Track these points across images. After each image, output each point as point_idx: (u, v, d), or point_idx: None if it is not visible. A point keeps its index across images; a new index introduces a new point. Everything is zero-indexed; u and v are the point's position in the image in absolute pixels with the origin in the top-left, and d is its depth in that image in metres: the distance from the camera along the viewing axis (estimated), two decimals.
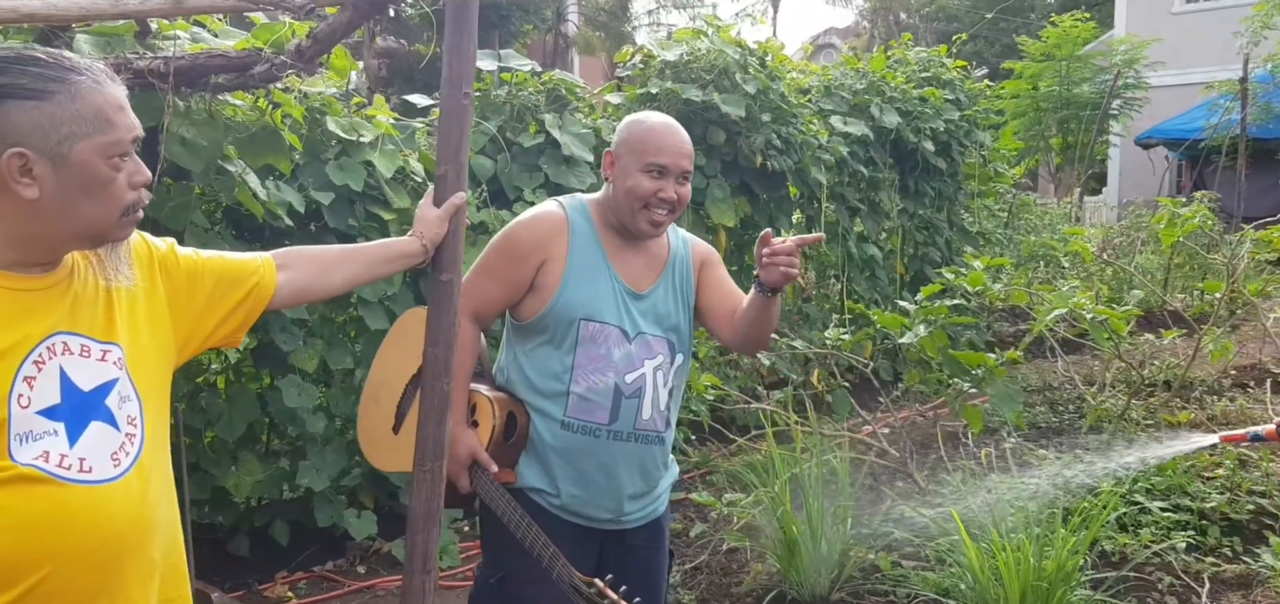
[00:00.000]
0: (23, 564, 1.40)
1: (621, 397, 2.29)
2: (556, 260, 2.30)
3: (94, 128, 1.45)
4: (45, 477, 1.42)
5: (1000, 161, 7.94)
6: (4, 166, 1.39)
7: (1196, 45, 18.11)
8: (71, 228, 1.47)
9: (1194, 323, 5.88)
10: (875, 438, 4.65)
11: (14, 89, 1.40)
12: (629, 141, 2.33)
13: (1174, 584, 3.72)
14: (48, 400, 1.45)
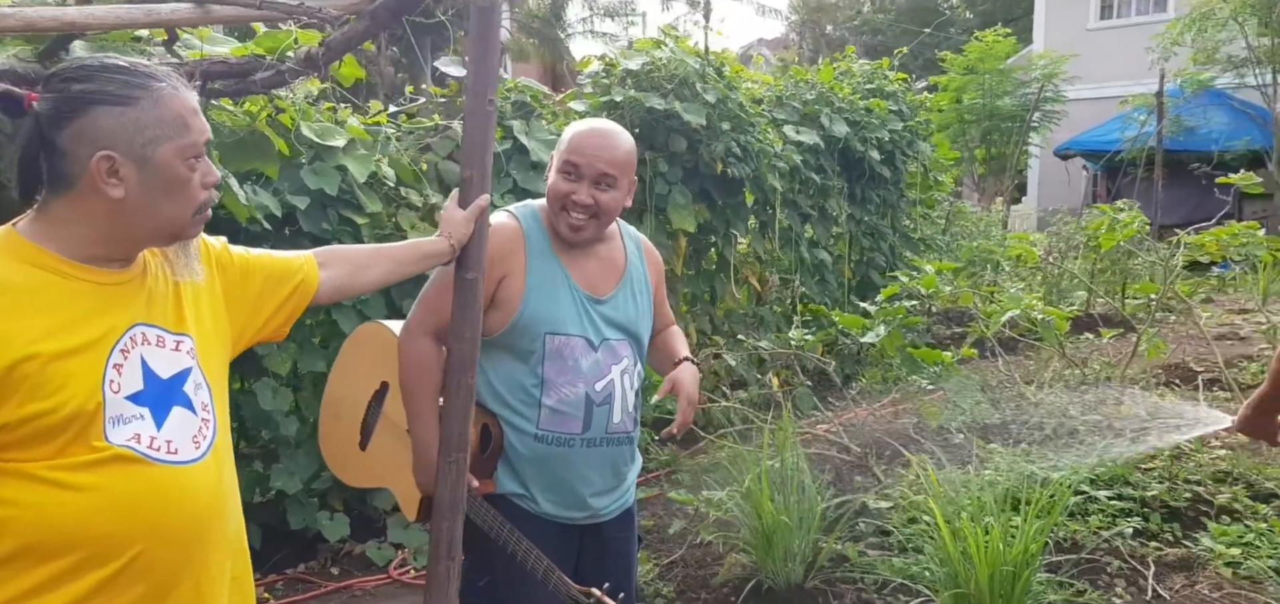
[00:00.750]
0: (120, 541, 1.48)
1: (593, 405, 2.31)
2: (516, 275, 2.30)
3: (174, 131, 1.53)
4: (138, 457, 1.50)
5: (939, 170, 8.28)
6: (94, 168, 1.48)
7: (1111, 61, 18.95)
8: (151, 225, 1.56)
9: (1134, 320, 6.22)
10: (837, 434, 4.82)
11: (102, 95, 1.49)
12: (559, 143, 2.37)
13: (1122, 568, 3.96)
14: (133, 387, 1.53)
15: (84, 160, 1.47)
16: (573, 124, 2.44)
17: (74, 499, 1.45)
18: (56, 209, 1.51)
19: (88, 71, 1.51)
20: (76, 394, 1.45)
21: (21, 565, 1.44)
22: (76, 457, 1.46)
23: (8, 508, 1.43)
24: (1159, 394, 6.00)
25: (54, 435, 1.44)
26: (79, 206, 1.50)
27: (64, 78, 1.51)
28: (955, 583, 3.42)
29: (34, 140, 1.49)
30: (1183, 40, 15.73)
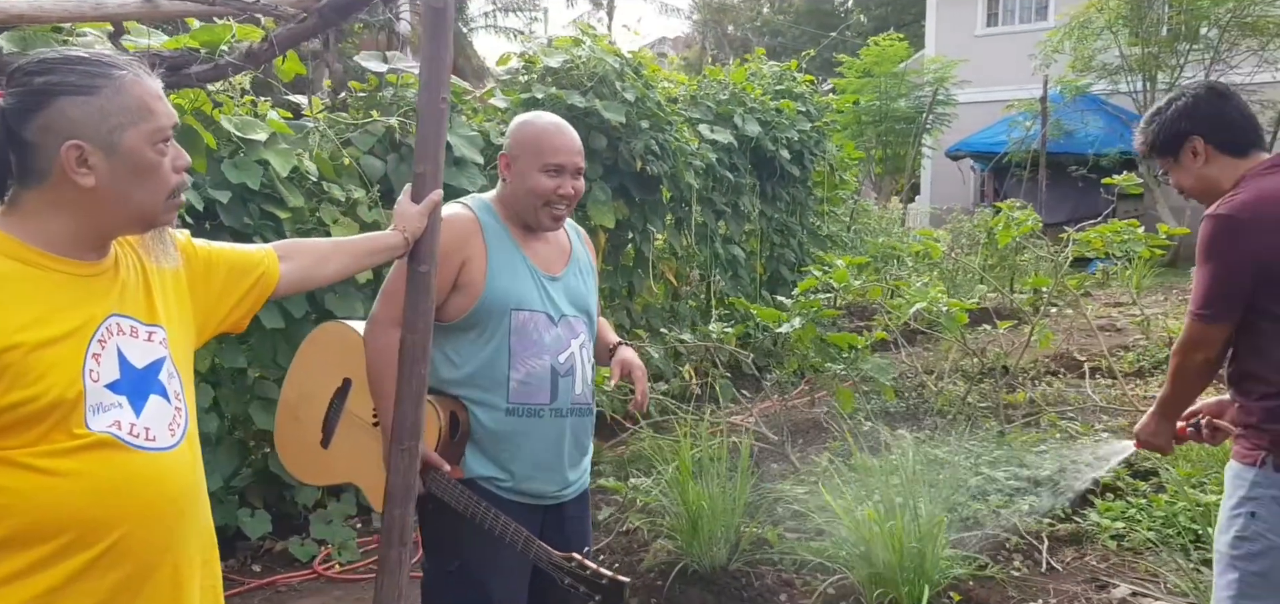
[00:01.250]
0: (103, 524, 1.52)
1: (558, 376, 2.44)
2: (477, 258, 2.40)
3: (139, 116, 1.56)
4: (118, 443, 1.54)
5: (844, 170, 8.60)
6: (63, 158, 1.51)
7: (997, 66, 19.82)
8: (124, 212, 1.59)
9: (1025, 313, 6.60)
10: (754, 423, 5.01)
11: (65, 86, 1.51)
12: (524, 143, 2.48)
13: (1019, 543, 4.25)
14: (111, 376, 1.57)
15: (52, 151, 1.50)
16: (523, 122, 2.54)
17: (58, 484, 1.48)
18: (29, 202, 1.53)
19: (49, 64, 1.53)
20: (58, 383, 1.48)
21: (10, 549, 1.46)
22: (59, 443, 1.49)
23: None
24: (1046, 382, 6.40)
25: (37, 422, 1.47)
26: (51, 197, 1.53)
27: (26, 72, 1.53)
28: (868, 562, 3.63)
29: (1, 136, 1.51)
30: (1063, 48, 16.59)
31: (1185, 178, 2.55)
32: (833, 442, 4.82)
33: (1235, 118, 2.50)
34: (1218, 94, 2.54)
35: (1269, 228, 2.32)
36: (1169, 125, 2.53)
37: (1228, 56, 16.04)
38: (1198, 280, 2.43)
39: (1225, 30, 15.80)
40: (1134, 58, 16.23)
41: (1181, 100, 2.54)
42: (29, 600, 1.48)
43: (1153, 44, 16.09)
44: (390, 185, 5.00)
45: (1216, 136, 2.47)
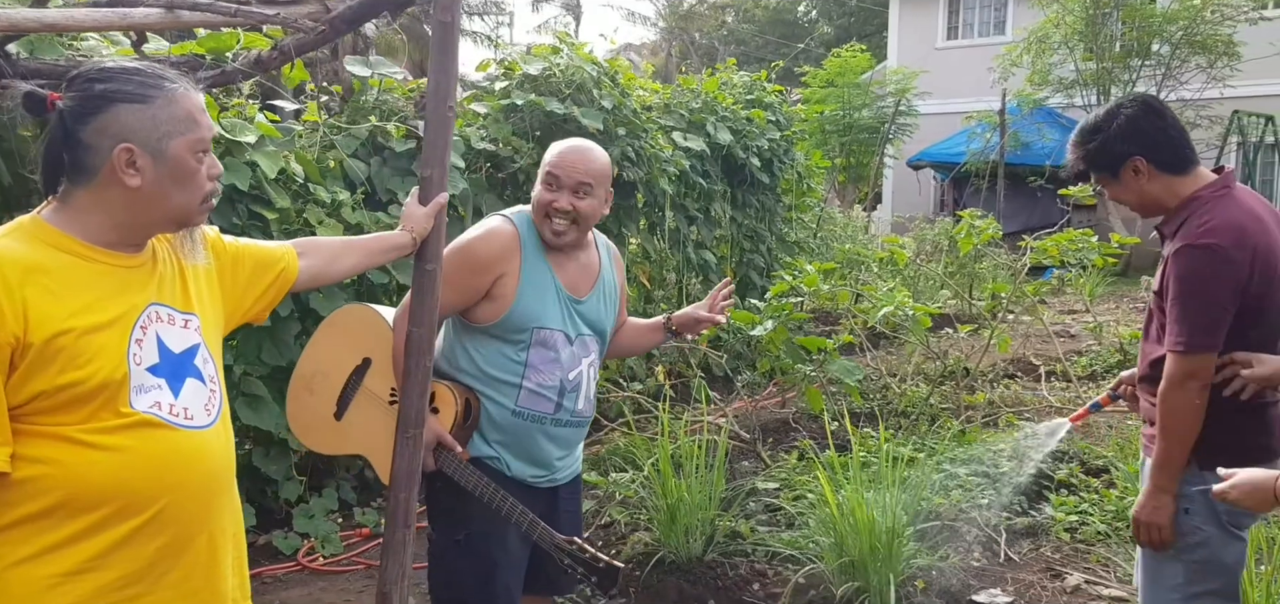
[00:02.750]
0: (146, 496, 1.66)
1: (565, 391, 2.61)
2: (511, 275, 2.55)
3: (185, 127, 1.71)
4: (160, 422, 1.68)
5: (811, 178, 8.83)
6: (115, 159, 1.64)
7: (957, 78, 20.26)
8: (163, 213, 1.73)
9: (984, 319, 6.85)
10: (728, 421, 5.18)
11: (122, 94, 1.65)
12: (547, 160, 2.64)
13: (979, 535, 4.46)
14: (151, 360, 1.71)
15: (105, 153, 1.63)
16: (555, 144, 2.68)
17: (106, 458, 1.61)
18: (79, 198, 1.66)
19: (108, 73, 1.67)
20: (105, 365, 1.62)
21: (61, 517, 1.59)
22: (106, 421, 1.63)
23: (48, 465, 1.59)
24: (1004, 385, 6.65)
25: (86, 402, 1.60)
26: (99, 195, 1.66)
27: (87, 79, 1.66)
28: (840, 552, 3.81)
29: (58, 136, 1.64)
30: (1021, 62, 17.03)
31: (1125, 195, 2.57)
32: (802, 440, 5.00)
33: (1174, 135, 2.52)
34: (1155, 112, 2.55)
35: (1251, 250, 2.35)
36: (1110, 145, 2.51)
37: (1178, 73, 16.57)
38: (1180, 313, 2.38)
39: (1176, 47, 16.32)
40: (1089, 73, 16.71)
41: (1120, 119, 2.52)
42: (81, 563, 1.61)
43: (1107, 59, 16.59)
44: (373, 188, 5.11)
45: (1158, 156, 2.48)
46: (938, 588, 3.92)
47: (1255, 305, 2.37)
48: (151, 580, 1.68)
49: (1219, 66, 16.33)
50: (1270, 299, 2.39)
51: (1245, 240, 2.35)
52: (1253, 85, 16.80)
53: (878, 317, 4.86)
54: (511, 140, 5.55)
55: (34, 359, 1.55)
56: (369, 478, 5.33)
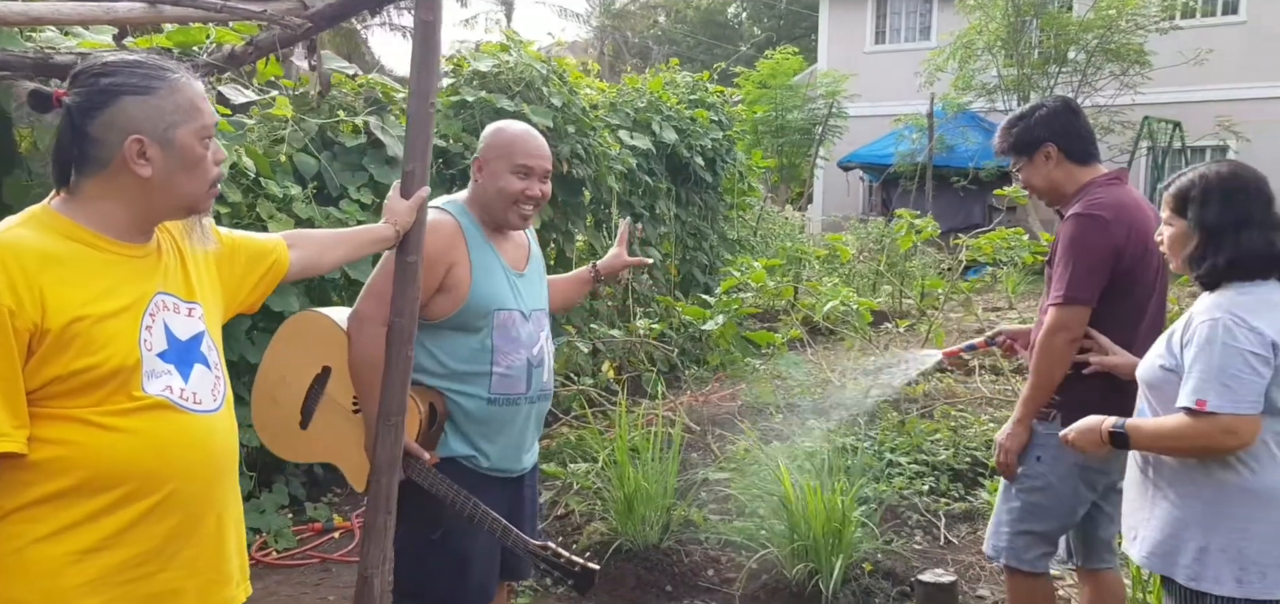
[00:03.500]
0: (159, 477, 1.71)
1: (532, 367, 2.68)
2: (461, 263, 2.58)
3: (189, 115, 1.75)
4: (171, 405, 1.73)
5: (752, 177, 9.01)
6: (126, 150, 1.68)
7: (885, 82, 20.77)
8: (173, 200, 1.78)
9: (922, 313, 7.09)
10: (678, 414, 5.30)
11: (128, 87, 1.69)
12: (497, 147, 2.68)
13: (919, 520, 4.66)
14: (160, 347, 1.75)
15: (115, 145, 1.67)
16: (495, 130, 2.75)
17: (121, 440, 1.66)
18: (89, 189, 1.69)
19: (112, 67, 1.70)
20: (118, 351, 1.66)
21: (79, 496, 1.63)
22: (120, 404, 1.66)
23: (65, 447, 1.62)
24: (937, 378, 6.90)
25: (100, 386, 1.64)
26: (109, 186, 1.69)
27: (92, 74, 1.69)
28: (793, 537, 3.95)
29: (67, 130, 1.67)
30: (946, 67, 17.56)
31: (1035, 177, 2.96)
32: (749, 431, 5.15)
33: (1083, 131, 2.94)
34: (1070, 109, 2.97)
35: (1127, 228, 2.76)
36: (1029, 130, 2.93)
37: (1093, 79, 17.27)
38: (1062, 271, 2.79)
39: (1091, 55, 17.01)
40: (1010, 78, 17.29)
41: (1041, 110, 2.95)
42: (97, 541, 1.65)
43: (1027, 66, 17.20)
44: (324, 182, 5.10)
45: (1067, 145, 2.90)
46: (883, 570, 4.09)
47: (1126, 279, 2.77)
48: (164, 559, 1.73)
49: (1131, 74, 17.06)
50: (1139, 275, 2.79)
51: (1124, 216, 2.77)
52: (1162, 92, 17.61)
53: (824, 311, 5.03)
54: (461, 137, 5.59)
55: (51, 345, 1.59)
56: (319, 474, 5.32)
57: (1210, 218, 2.30)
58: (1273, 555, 2.20)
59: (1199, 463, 2.27)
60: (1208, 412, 2.17)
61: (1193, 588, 2.26)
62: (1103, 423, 2.43)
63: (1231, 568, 2.22)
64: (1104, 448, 2.45)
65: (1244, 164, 2.42)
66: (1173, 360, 2.32)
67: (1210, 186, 2.32)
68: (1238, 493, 2.23)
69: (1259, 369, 2.16)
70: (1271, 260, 2.27)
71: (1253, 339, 2.17)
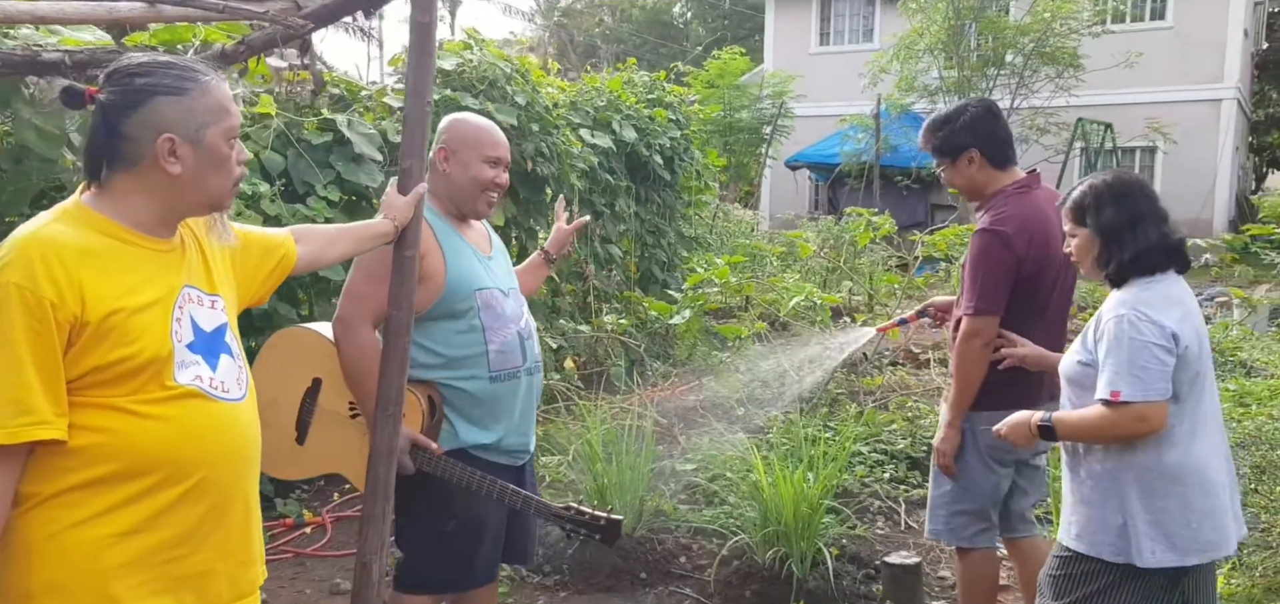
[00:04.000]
0: (189, 464, 1.76)
1: (524, 340, 2.77)
2: (433, 251, 2.63)
3: (219, 116, 1.80)
4: (202, 394, 1.79)
5: (709, 176, 9.15)
6: (159, 148, 1.73)
7: (830, 82, 21.11)
8: (200, 197, 1.83)
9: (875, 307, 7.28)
10: (646, 408, 5.40)
11: (162, 87, 1.74)
12: (465, 138, 2.75)
13: (882, 506, 4.82)
14: (188, 338, 1.81)
15: (148, 143, 1.71)
16: (458, 121, 2.81)
17: (155, 427, 1.71)
18: (120, 184, 1.74)
19: (147, 68, 1.75)
20: (152, 343, 1.71)
21: (115, 482, 1.69)
22: (154, 394, 1.71)
23: (103, 434, 1.67)
24: (890, 370, 7.11)
25: (134, 376, 1.69)
26: (139, 182, 1.74)
27: (128, 73, 1.74)
28: (765, 523, 4.07)
29: (101, 127, 1.72)
30: (889, 69, 17.94)
31: (957, 178, 3.16)
32: (715, 424, 5.27)
33: (1003, 136, 3.14)
34: (992, 114, 3.15)
35: (1027, 239, 2.98)
36: (954, 135, 3.11)
37: (1030, 81, 17.78)
38: (971, 284, 3.05)
39: (1028, 58, 17.51)
40: (950, 80, 17.72)
41: (965, 116, 3.12)
42: (133, 525, 1.70)
43: (966, 68, 17.64)
44: (290, 179, 5.08)
45: (989, 150, 3.10)
46: (849, 554, 4.24)
47: (1029, 284, 3.01)
48: (196, 542, 1.78)
49: (1065, 76, 17.60)
50: (1041, 279, 3.04)
51: (1026, 228, 2.99)
52: (1095, 94, 18.20)
53: (789, 305, 5.17)
54: (427, 135, 5.62)
55: (90, 337, 1.64)
56: None
57: (1106, 221, 2.49)
58: (1180, 526, 2.40)
59: (1117, 448, 2.45)
60: (1122, 401, 2.37)
61: (1118, 563, 2.45)
62: (1031, 418, 2.63)
63: (1148, 540, 2.41)
64: (1033, 440, 2.65)
65: (1126, 170, 2.70)
66: (1088, 356, 2.52)
67: (1102, 194, 2.52)
68: (1151, 473, 2.42)
69: (1163, 359, 2.36)
70: (1167, 251, 2.47)
71: (1155, 331, 2.36)
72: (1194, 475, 2.42)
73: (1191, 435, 2.44)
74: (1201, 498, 2.43)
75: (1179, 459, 2.42)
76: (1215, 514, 2.44)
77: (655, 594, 4.04)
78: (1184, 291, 2.49)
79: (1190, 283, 2.61)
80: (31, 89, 3.33)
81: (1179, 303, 2.44)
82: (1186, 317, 2.42)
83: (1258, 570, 4.05)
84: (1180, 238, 2.50)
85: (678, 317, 4.84)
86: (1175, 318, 2.39)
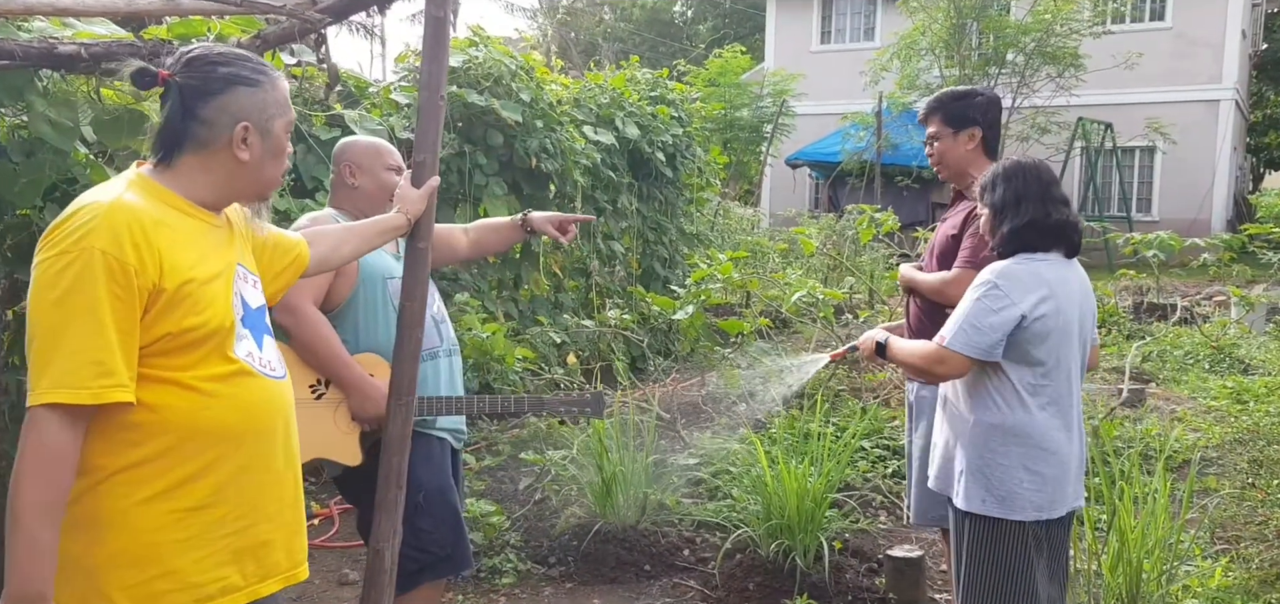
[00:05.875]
0: (245, 439, 1.83)
1: (437, 324, 2.90)
2: None
3: (283, 110, 1.92)
4: (252, 371, 1.86)
5: (711, 173, 9.19)
6: (236, 134, 1.82)
7: (831, 80, 21.15)
8: (258, 183, 1.92)
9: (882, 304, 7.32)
10: (653, 402, 5.44)
11: (241, 77, 1.84)
12: (368, 154, 2.92)
13: (884, 500, 4.87)
14: (240, 313, 1.88)
15: (224, 128, 1.81)
16: (355, 142, 3.00)
17: (211, 403, 1.77)
18: (187, 163, 1.82)
19: (227, 58, 1.85)
20: (217, 313, 1.78)
21: (177, 458, 1.74)
22: (215, 368, 1.78)
23: (166, 411, 1.73)
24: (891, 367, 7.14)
25: (201, 345, 1.75)
26: (206, 163, 1.83)
27: (209, 62, 1.83)
28: (768, 516, 4.11)
29: (177, 109, 1.79)
30: (891, 67, 17.98)
31: (952, 150, 3.26)
32: (719, 419, 5.31)
33: (999, 130, 3.32)
34: (999, 106, 3.35)
35: None
36: (966, 109, 3.24)
37: (1031, 81, 17.83)
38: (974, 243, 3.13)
39: (1029, 58, 17.56)
40: (951, 79, 17.76)
41: (980, 97, 3.28)
42: (198, 499, 1.76)
43: (968, 67, 17.69)
44: (299, 175, 5.13)
45: (989, 135, 3.25)
46: (852, 548, 4.28)
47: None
48: (255, 515, 1.84)
49: (1066, 76, 17.65)
50: None
51: None
52: (1096, 94, 18.26)
53: (792, 301, 5.21)
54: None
55: (165, 303, 1.70)
56: None
57: (996, 198, 2.69)
58: (1013, 483, 2.60)
59: (966, 403, 2.66)
60: (944, 345, 2.59)
61: (959, 508, 2.69)
62: (874, 335, 2.97)
63: (979, 491, 2.62)
64: (874, 359, 2.98)
65: (1026, 157, 2.84)
66: None
67: (996, 174, 2.72)
68: (992, 429, 2.62)
69: (995, 328, 2.53)
70: (1047, 231, 2.63)
71: (1000, 302, 2.54)
72: (1034, 438, 2.59)
73: (1039, 403, 2.60)
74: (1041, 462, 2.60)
75: (1017, 420, 2.60)
76: (1048, 480, 2.61)
77: (660, 586, 4.08)
78: (1060, 273, 2.62)
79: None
80: (45, 81, 3.37)
81: (1045, 284, 2.58)
82: (1048, 297, 2.56)
83: (1254, 563, 4.10)
84: (1063, 221, 2.64)
85: (680, 312, 4.88)
86: (1034, 297, 2.55)
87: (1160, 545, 3.50)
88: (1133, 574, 3.43)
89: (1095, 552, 3.54)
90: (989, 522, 2.63)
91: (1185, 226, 15.26)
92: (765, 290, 5.81)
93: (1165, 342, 8.75)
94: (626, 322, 5.42)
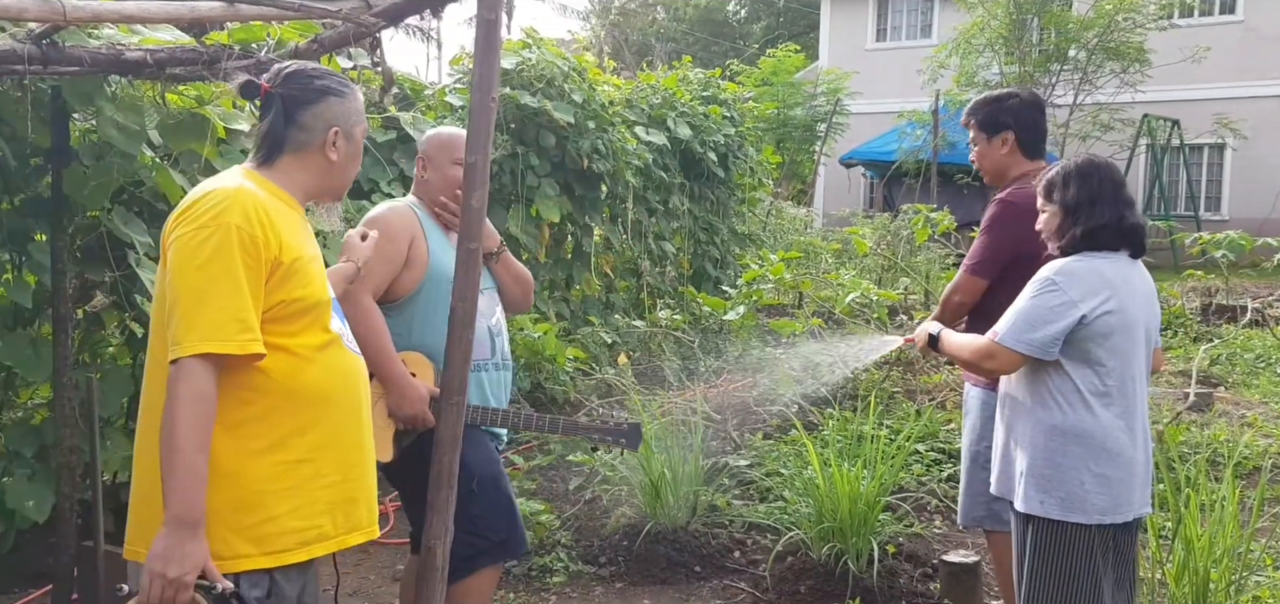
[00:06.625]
0: (334, 399, 2.04)
1: (494, 336, 2.94)
2: (420, 238, 2.86)
3: (362, 118, 2.17)
4: (341, 343, 2.09)
5: (763, 173, 9.14)
6: (328, 138, 2.07)
7: (887, 78, 20.90)
8: (339, 183, 2.17)
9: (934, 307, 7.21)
10: (702, 403, 5.42)
11: (332, 89, 2.09)
12: (437, 148, 2.97)
13: (939, 505, 4.79)
14: None
15: (320, 132, 2.06)
16: (437, 133, 3.04)
17: (308, 368, 1.99)
18: (286, 164, 2.06)
19: (321, 72, 2.12)
20: (319, 287, 2.03)
21: (279, 416, 1.96)
22: (315, 337, 2.00)
23: (274, 375, 1.94)
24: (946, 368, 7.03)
25: (307, 312, 1.99)
26: (302, 163, 2.07)
27: (307, 75, 2.08)
28: (820, 519, 4.07)
29: (279, 116, 2.04)
30: (948, 64, 17.70)
31: (989, 153, 3.30)
32: (770, 420, 5.27)
33: (1041, 130, 3.28)
34: (1037, 106, 3.32)
35: (1033, 218, 2.92)
36: (997, 114, 3.26)
37: (1094, 77, 17.41)
38: (977, 244, 3.22)
39: (1092, 53, 17.15)
40: (1011, 76, 17.43)
41: (1013, 100, 3.28)
42: (301, 455, 1.96)
43: (1028, 63, 17.34)
44: None
45: (1024, 137, 3.25)
46: (906, 552, 4.22)
47: (1029, 262, 2.91)
48: (345, 471, 2.05)
49: (1131, 72, 17.21)
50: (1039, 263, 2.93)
51: (1034, 210, 2.92)
52: (1161, 90, 17.76)
53: (845, 301, 5.17)
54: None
55: (282, 274, 1.93)
56: None
57: (1069, 198, 2.62)
58: (1074, 485, 2.54)
59: (1028, 403, 2.61)
60: (996, 341, 2.57)
61: (1019, 511, 2.64)
62: (928, 328, 2.97)
63: (1039, 493, 2.57)
64: (927, 350, 2.98)
65: (1097, 155, 2.79)
66: None
67: (1069, 172, 2.66)
68: (1054, 430, 2.57)
69: (1051, 325, 2.50)
70: (1121, 233, 2.59)
71: (1058, 300, 2.51)
72: (1097, 440, 2.54)
73: (1103, 404, 2.55)
74: (1105, 464, 2.54)
75: (1077, 422, 2.55)
76: (1113, 482, 2.55)
77: (710, 587, 4.06)
78: (1122, 272, 2.58)
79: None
80: (113, 87, 3.47)
81: (1107, 283, 2.54)
82: (1110, 297, 2.52)
83: None
84: (1136, 224, 2.62)
85: (732, 313, 4.86)
86: (1096, 299, 2.51)
87: (1228, 554, 3.39)
88: (1199, 584, 3.33)
89: (1160, 560, 3.45)
90: (1052, 525, 2.58)
91: (1256, 226, 14.76)
92: (818, 291, 5.76)
93: (1235, 344, 8.49)
94: (677, 322, 5.41)
